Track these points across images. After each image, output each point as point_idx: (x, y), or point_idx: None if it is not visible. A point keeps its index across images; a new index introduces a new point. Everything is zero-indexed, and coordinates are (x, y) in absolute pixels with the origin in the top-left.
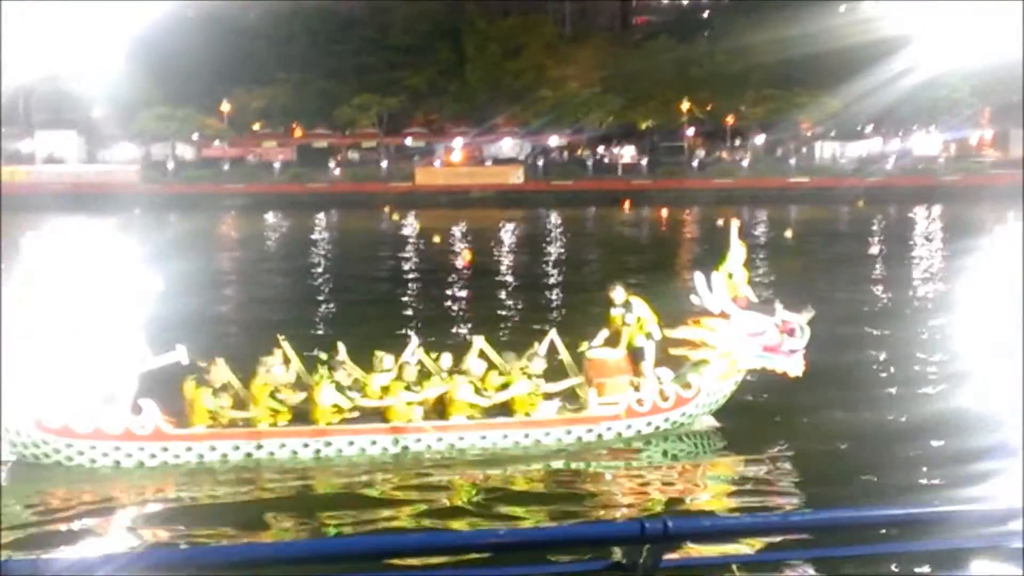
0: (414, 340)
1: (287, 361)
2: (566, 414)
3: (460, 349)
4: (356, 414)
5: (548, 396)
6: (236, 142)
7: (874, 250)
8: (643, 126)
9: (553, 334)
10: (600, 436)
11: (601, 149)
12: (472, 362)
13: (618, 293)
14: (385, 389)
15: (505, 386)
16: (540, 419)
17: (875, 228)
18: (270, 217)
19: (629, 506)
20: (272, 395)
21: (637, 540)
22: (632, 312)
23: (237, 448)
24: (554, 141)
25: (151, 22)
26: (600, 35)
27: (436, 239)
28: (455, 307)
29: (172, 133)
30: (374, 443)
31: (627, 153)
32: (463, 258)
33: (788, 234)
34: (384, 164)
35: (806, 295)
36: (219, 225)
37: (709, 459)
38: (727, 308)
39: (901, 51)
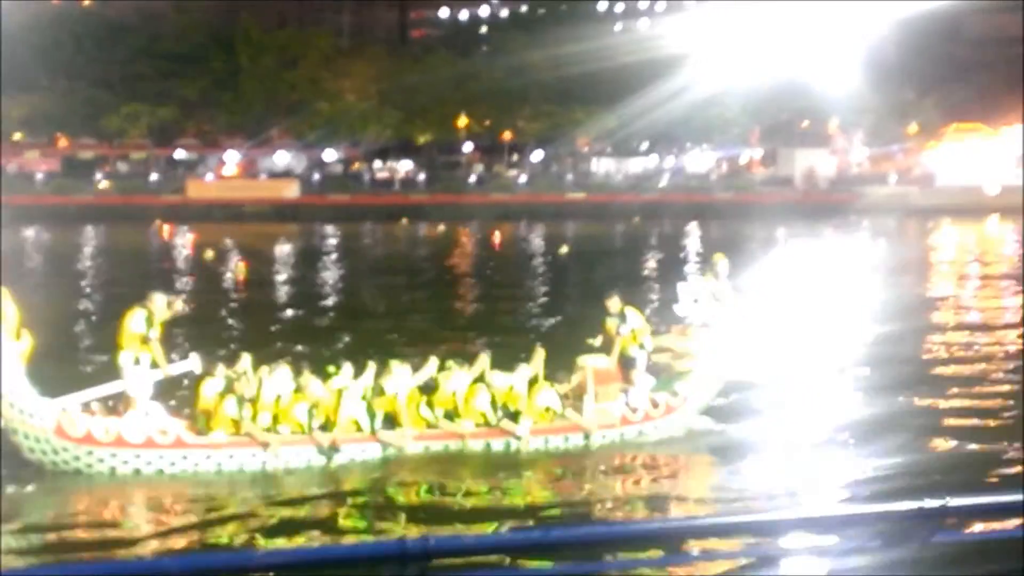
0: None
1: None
2: (563, 421)
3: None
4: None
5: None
6: None
7: (649, 266)
8: (421, 140)
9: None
10: (595, 443)
11: (379, 163)
12: (490, 376)
13: (613, 303)
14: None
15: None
16: (541, 428)
17: (650, 244)
18: (31, 231)
19: (621, 509)
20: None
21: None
22: (626, 323)
23: (254, 456)
24: (331, 155)
25: None
26: (378, 48)
27: (209, 254)
28: (227, 324)
29: None
30: (386, 450)
31: (405, 168)
32: (236, 274)
33: (564, 250)
34: (154, 176)
35: (580, 314)
36: None
37: (699, 463)
38: (710, 319)
39: (676, 70)
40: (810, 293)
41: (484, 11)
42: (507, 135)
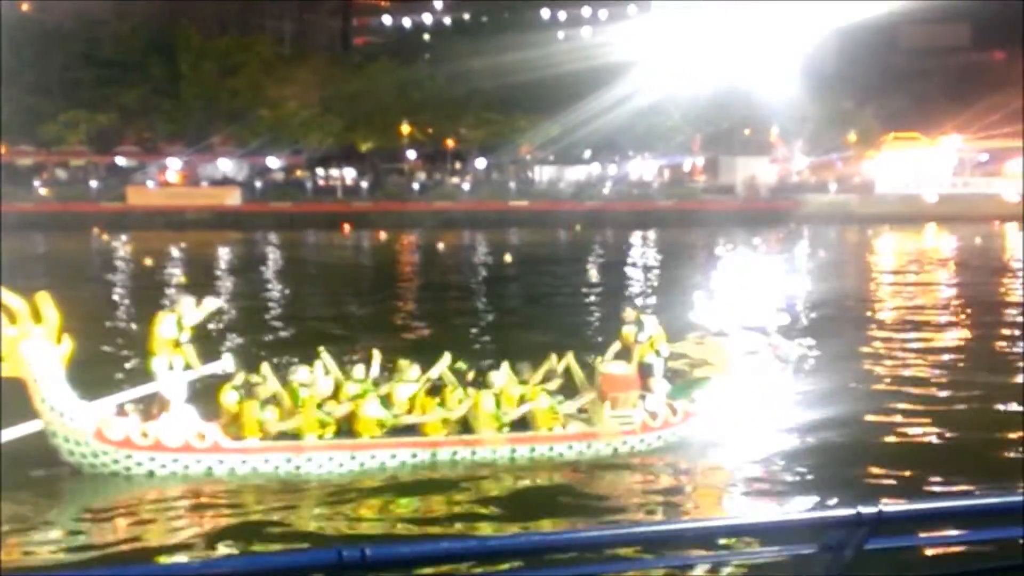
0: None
1: (327, 372)
2: (585, 428)
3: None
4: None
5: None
6: None
7: (592, 275)
8: (364, 148)
9: (570, 356)
10: (616, 450)
11: (321, 171)
12: (495, 376)
13: (628, 313)
14: (412, 401)
15: (523, 401)
16: (563, 434)
17: (593, 252)
18: None
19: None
20: (319, 407)
21: (851, 525)
22: (644, 330)
23: (289, 460)
24: (273, 162)
25: None
26: (320, 55)
27: (148, 262)
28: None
29: None
30: (415, 456)
31: (347, 175)
32: (177, 282)
33: (507, 259)
34: (94, 183)
35: (524, 320)
36: None
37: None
38: (725, 328)
39: (618, 79)
40: (751, 299)
41: (427, 19)
42: (450, 143)
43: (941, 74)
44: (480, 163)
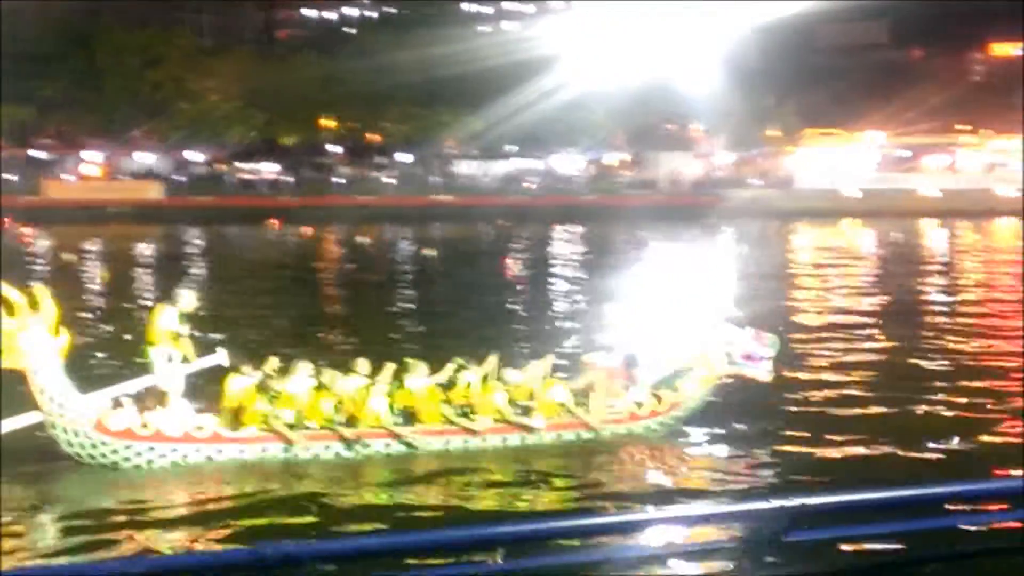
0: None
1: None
2: (575, 418)
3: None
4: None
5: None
6: None
7: (516, 269)
8: (287, 142)
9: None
10: (605, 438)
11: (244, 165)
12: (508, 373)
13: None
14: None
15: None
16: (555, 423)
17: (517, 247)
18: None
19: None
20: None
21: (774, 517)
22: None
23: (286, 451)
24: (195, 156)
25: None
26: (242, 48)
27: (67, 256)
28: (90, 329)
29: None
30: (411, 445)
31: (271, 169)
32: (100, 278)
33: (430, 253)
34: (13, 177)
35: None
36: None
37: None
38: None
39: (542, 73)
40: (672, 292)
41: (351, 12)
42: (374, 137)
43: (860, 71)
44: (404, 157)
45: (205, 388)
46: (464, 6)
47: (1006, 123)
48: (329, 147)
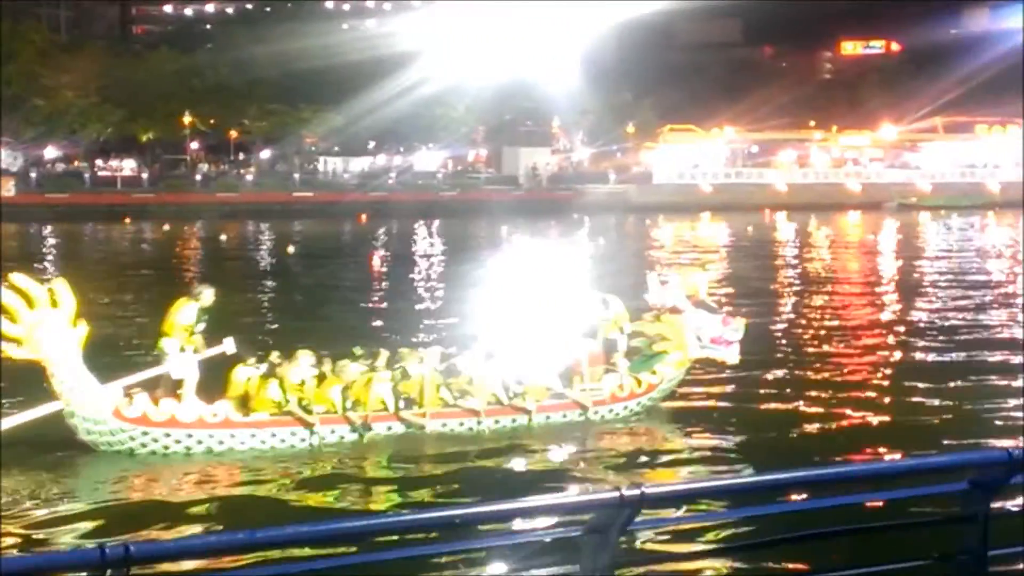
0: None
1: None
2: (563, 400)
3: None
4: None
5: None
6: None
7: (374, 265)
8: (144, 138)
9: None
10: (591, 418)
11: (100, 161)
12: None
13: (594, 294)
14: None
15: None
16: (544, 405)
17: (377, 242)
18: None
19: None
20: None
21: (615, 506)
22: (609, 309)
23: (294, 434)
24: (50, 152)
25: None
26: (98, 44)
27: None
28: None
29: None
30: (409, 427)
31: (127, 166)
32: None
33: (290, 250)
34: None
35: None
36: None
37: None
38: (679, 304)
39: (402, 70)
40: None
41: (209, 8)
42: (234, 133)
43: (715, 68)
44: (264, 154)
45: (205, 380)
46: (325, 2)
47: (855, 119)
48: (188, 144)
